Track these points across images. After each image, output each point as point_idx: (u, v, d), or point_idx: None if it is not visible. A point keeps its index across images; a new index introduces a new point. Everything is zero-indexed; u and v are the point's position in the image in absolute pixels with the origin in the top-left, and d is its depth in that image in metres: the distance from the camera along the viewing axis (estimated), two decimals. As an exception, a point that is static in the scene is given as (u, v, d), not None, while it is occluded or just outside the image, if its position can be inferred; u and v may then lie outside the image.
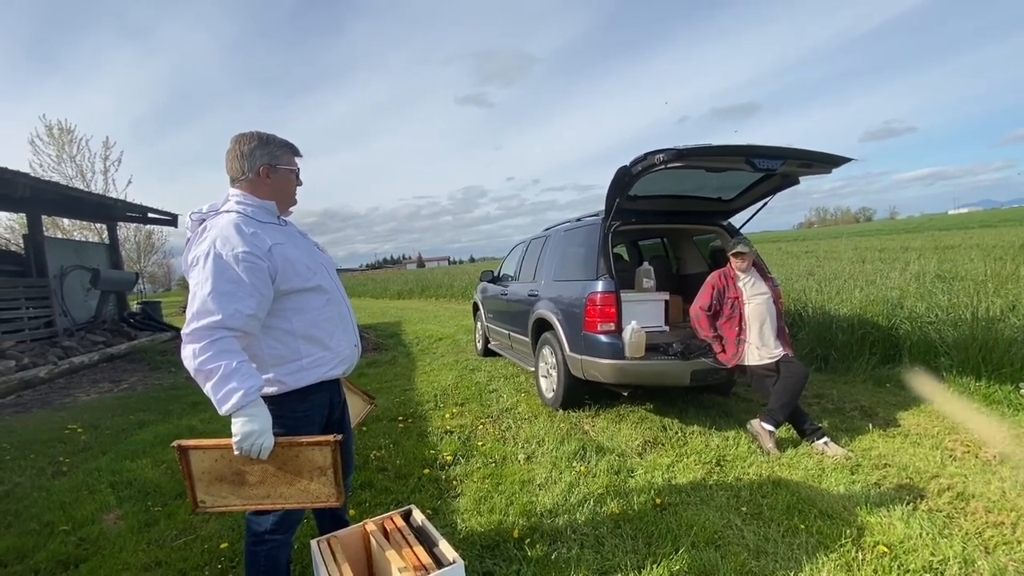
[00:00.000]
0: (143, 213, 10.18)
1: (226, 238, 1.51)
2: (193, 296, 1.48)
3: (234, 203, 1.65)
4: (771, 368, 3.47)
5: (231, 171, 1.70)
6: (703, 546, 2.24)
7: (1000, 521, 2.37)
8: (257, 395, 1.47)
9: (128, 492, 3.13)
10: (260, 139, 1.69)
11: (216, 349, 1.43)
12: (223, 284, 1.46)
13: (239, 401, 1.42)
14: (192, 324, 1.44)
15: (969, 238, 19.66)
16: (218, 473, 1.51)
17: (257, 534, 1.80)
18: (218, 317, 1.44)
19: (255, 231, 1.57)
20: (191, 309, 1.46)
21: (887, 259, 11.66)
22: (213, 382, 1.42)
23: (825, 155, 3.24)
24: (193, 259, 1.52)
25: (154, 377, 6.85)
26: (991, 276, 6.52)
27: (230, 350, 1.45)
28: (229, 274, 1.47)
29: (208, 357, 1.42)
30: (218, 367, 1.41)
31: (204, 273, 1.47)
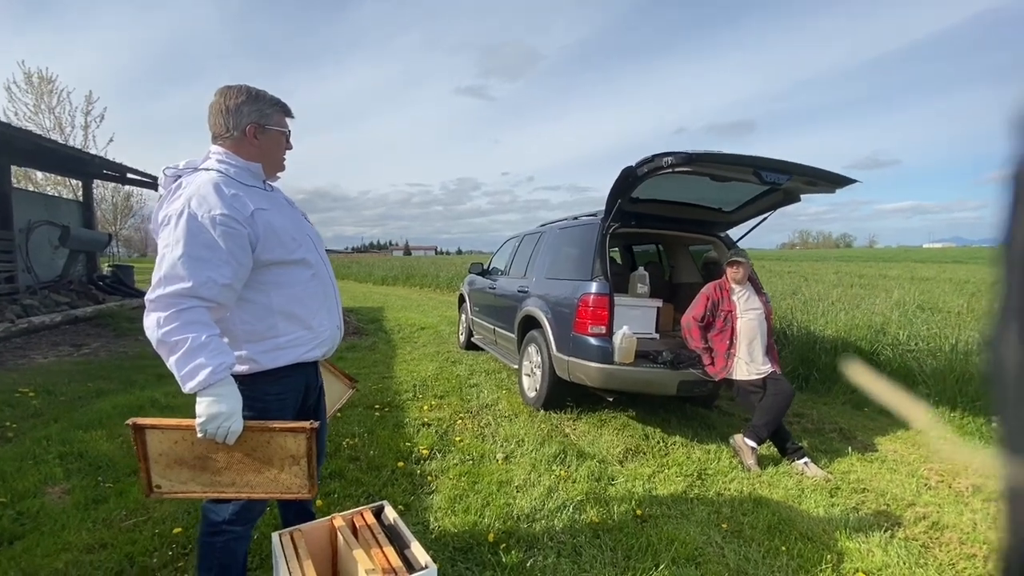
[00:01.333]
0: (122, 173, 9.75)
1: (203, 198, 1.36)
2: (161, 259, 1.32)
3: (215, 161, 1.50)
4: (758, 384, 3.43)
5: (214, 127, 1.53)
6: (683, 562, 2.17)
7: (973, 553, 2.36)
8: (227, 373, 1.33)
9: (78, 465, 2.94)
10: (249, 94, 1.52)
11: (183, 319, 1.29)
12: (196, 248, 1.32)
13: (206, 379, 1.29)
14: (158, 290, 1.29)
15: (943, 271, 20.24)
16: (177, 456, 1.37)
17: (214, 524, 1.66)
18: (188, 284, 1.29)
19: (236, 193, 1.43)
20: (157, 273, 1.31)
21: (866, 285, 11.88)
22: (177, 356, 1.28)
23: (831, 174, 3.20)
24: (164, 218, 1.37)
25: (119, 344, 6.56)
26: (968, 311, 6.65)
27: (200, 321, 1.31)
28: (204, 237, 1.33)
29: (174, 328, 1.28)
30: (184, 339, 1.27)
31: (175, 234, 1.32)
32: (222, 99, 1.52)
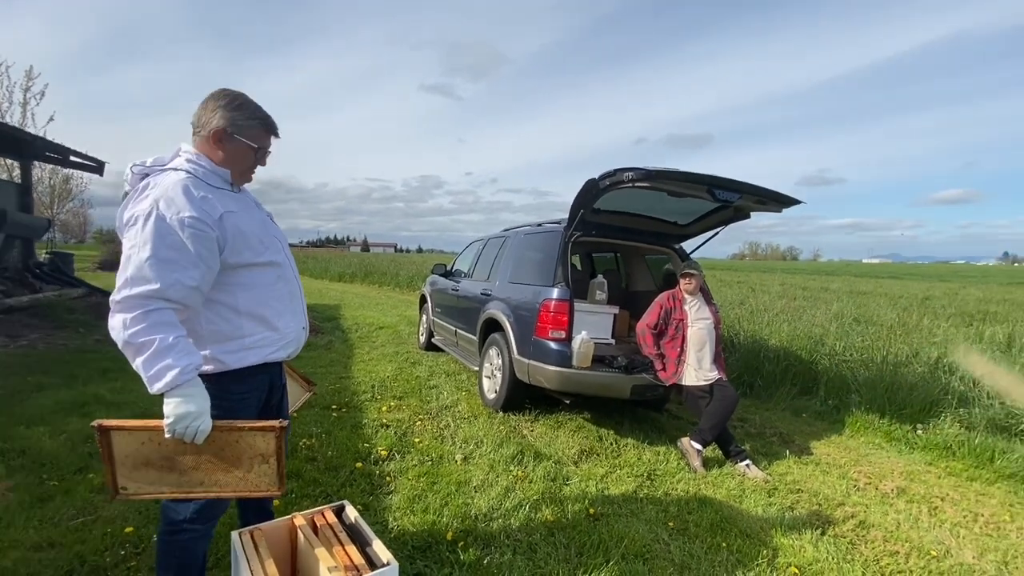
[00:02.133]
0: (65, 155, 9.22)
1: (171, 199, 1.35)
2: (127, 260, 1.32)
3: (184, 160, 1.49)
4: (705, 390, 3.63)
5: (193, 120, 1.54)
6: (632, 559, 2.30)
7: (895, 551, 2.59)
8: (194, 374, 1.34)
9: (20, 462, 2.82)
10: (233, 102, 1.51)
11: (150, 321, 1.29)
12: (164, 250, 1.32)
13: (174, 380, 1.30)
14: (124, 291, 1.29)
15: (879, 286, 21.60)
16: (144, 457, 1.37)
17: (174, 523, 1.65)
18: (156, 286, 1.30)
19: (205, 195, 1.43)
20: (123, 274, 1.31)
21: (809, 297, 12.57)
22: (144, 357, 1.29)
23: (778, 194, 3.43)
24: (131, 218, 1.36)
25: (59, 336, 6.21)
26: (899, 324, 7.18)
27: (166, 322, 1.32)
28: (171, 239, 1.33)
29: (141, 329, 1.28)
30: (151, 340, 1.28)
31: (143, 236, 1.32)
32: (210, 98, 1.52)
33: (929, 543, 2.67)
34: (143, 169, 1.47)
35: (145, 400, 3.93)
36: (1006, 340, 6.57)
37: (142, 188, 1.42)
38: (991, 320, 9.04)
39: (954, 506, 3.15)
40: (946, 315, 9.60)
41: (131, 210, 1.38)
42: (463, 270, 5.92)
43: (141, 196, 1.39)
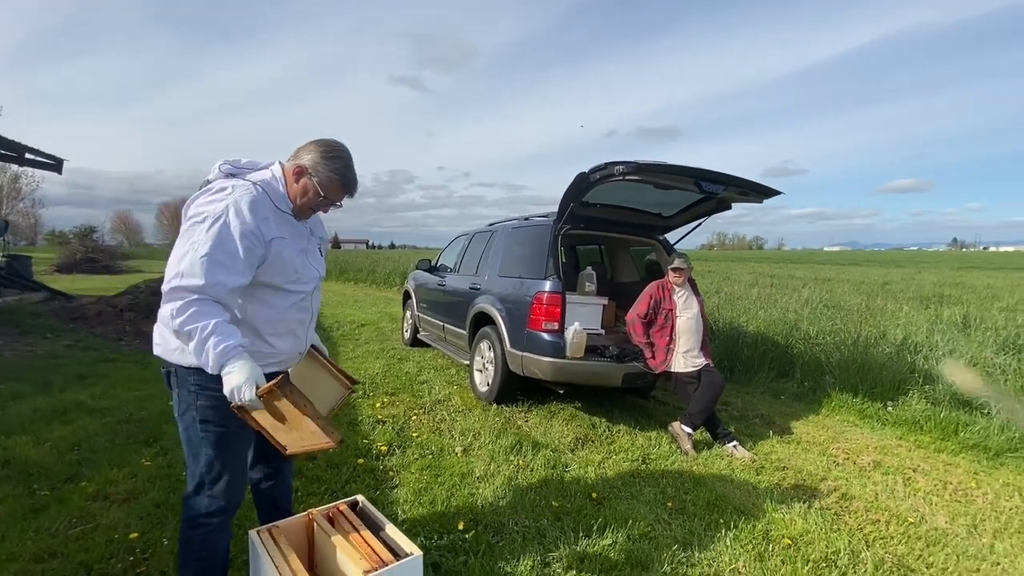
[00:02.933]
0: (20, 152, 8.74)
1: (240, 211, 1.47)
2: (184, 253, 1.43)
3: (268, 174, 1.62)
4: (693, 376, 3.76)
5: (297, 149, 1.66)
6: (637, 538, 2.39)
7: (877, 519, 2.76)
8: (234, 352, 1.44)
9: (5, 473, 2.72)
10: (327, 151, 1.61)
11: (194, 310, 1.41)
12: (220, 253, 1.44)
13: (217, 359, 1.42)
14: (174, 282, 1.41)
15: (841, 273, 22.47)
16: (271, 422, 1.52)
17: (191, 518, 1.68)
18: (200, 282, 1.41)
19: (267, 216, 1.55)
20: (178, 264, 1.42)
21: (778, 285, 13.00)
22: (193, 343, 1.43)
23: (761, 186, 3.57)
24: (201, 213, 1.47)
25: (25, 342, 5.95)
26: (865, 308, 7.53)
27: (206, 311, 1.43)
28: (229, 246, 1.45)
29: (185, 318, 1.41)
30: (195, 329, 1.41)
31: (205, 236, 1.43)
32: (319, 139, 1.65)
33: (905, 511, 2.86)
34: (231, 168, 1.60)
35: (129, 405, 3.84)
36: (962, 320, 6.97)
37: (222, 187, 1.52)
38: (947, 302, 9.55)
39: (925, 476, 3.36)
40: (905, 298, 10.10)
41: (205, 206, 1.47)
42: (449, 265, 5.93)
43: (219, 195, 1.50)
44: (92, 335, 6.53)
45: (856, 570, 2.27)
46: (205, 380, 1.57)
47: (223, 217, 1.45)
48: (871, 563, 2.31)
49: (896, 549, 2.46)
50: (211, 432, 1.61)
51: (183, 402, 1.62)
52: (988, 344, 5.45)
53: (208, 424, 1.60)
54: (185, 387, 1.60)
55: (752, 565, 2.26)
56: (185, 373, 1.59)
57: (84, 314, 7.39)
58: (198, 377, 1.57)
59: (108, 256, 21.21)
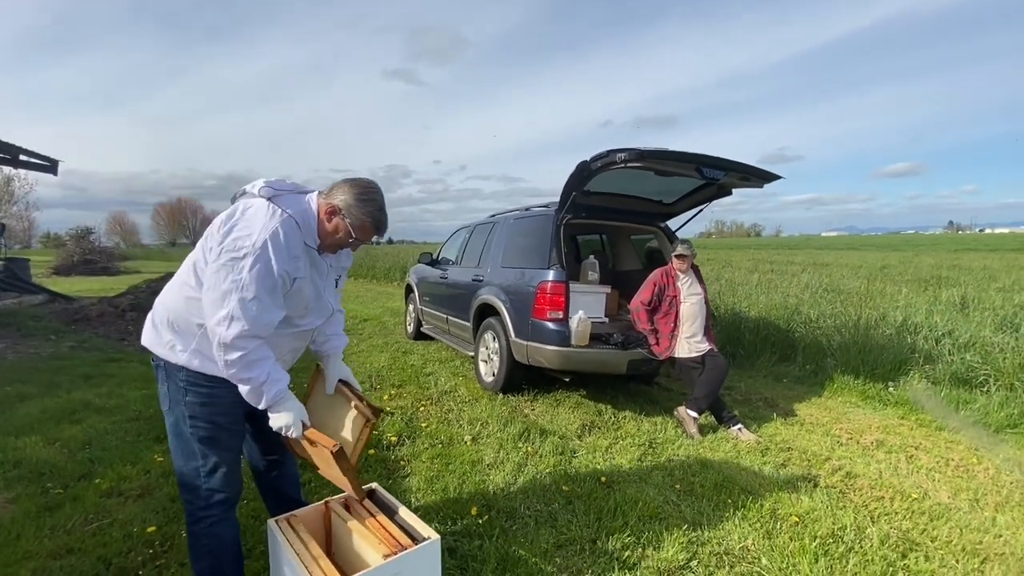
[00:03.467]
0: (14, 154, 8.69)
1: (277, 247, 1.49)
2: (228, 292, 1.45)
3: (304, 205, 1.61)
4: (698, 361, 3.79)
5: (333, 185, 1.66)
6: (648, 520, 2.43)
7: (881, 496, 2.80)
8: (283, 395, 1.58)
9: (17, 473, 2.74)
10: (362, 193, 1.60)
11: (248, 361, 1.50)
12: (264, 294, 1.49)
13: (267, 403, 1.57)
14: (223, 329, 1.46)
15: (840, 258, 22.52)
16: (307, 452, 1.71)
17: (192, 513, 1.71)
18: (250, 327, 1.48)
19: (297, 255, 1.57)
20: (224, 306, 1.45)
21: (777, 271, 13.05)
22: (246, 390, 1.55)
23: (761, 171, 3.58)
24: (240, 248, 1.47)
25: (28, 344, 5.95)
26: (865, 292, 7.57)
27: (259, 359, 1.52)
28: (269, 283, 1.49)
29: (240, 370, 1.51)
30: (251, 378, 1.52)
31: (250, 277, 1.46)
32: (354, 179, 1.64)
33: (909, 487, 2.90)
34: (271, 191, 1.57)
35: (137, 403, 3.86)
36: (960, 301, 7.02)
37: (260, 210, 1.53)
38: (945, 284, 9.60)
39: (927, 454, 3.41)
40: (904, 281, 10.15)
41: (243, 238, 1.48)
42: (450, 258, 5.94)
43: (257, 224, 1.50)
44: (95, 336, 6.53)
45: (862, 545, 2.31)
46: (195, 378, 1.61)
47: (263, 255, 1.46)
48: (877, 538, 2.35)
49: (901, 524, 2.51)
50: (200, 428, 1.63)
51: (171, 397, 1.65)
52: (986, 324, 5.50)
53: (197, 420, 1.63)
54: (174, 382, 1.63)
55: (761, 542, 2.30)
56: (174, 369, 1.62)
57: (86, 315, 7.39)
58: (188, 374, 1.61)
59: (106, 257, 21.13)
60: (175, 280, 1.66)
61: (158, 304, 1.68)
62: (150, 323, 1.68)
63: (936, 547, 2.33)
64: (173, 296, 1.63)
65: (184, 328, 1.60)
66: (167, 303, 1.65)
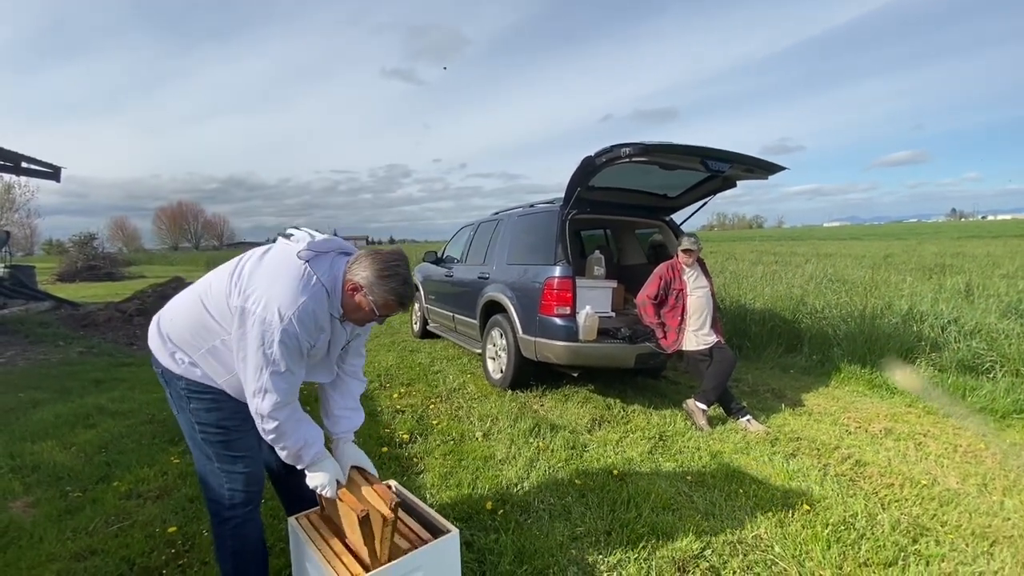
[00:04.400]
0: (16, 162, 8.72)
1: (304, 322, 1.49)
2: (261, 368, 1.48)
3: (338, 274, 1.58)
4: (705, 353, 3.81)
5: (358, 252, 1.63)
6: (661, 511, 2.46)
7: (891, 483, 2.82)
8: (319, 456, 1.65)
9: (36, 477, 2.78)
10: (383, 270, 1.54)
11: (283, 428, 1.56)
12: (292, 364, 1.52)
13: (304, 464, 1.64)
14: (261, 401, 1.51)
15: (843, 248, 22.46)
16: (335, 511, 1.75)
17: (217, 514, 1.72)
18: (281, 398, 1.52)
19: (323, 326, 1.58)
20: (259, 379, 1.48)
21: (781, 262, 13.04)
22: (286, 453, 1.61)
23: (765, 162, 3.59)
24: (269, 310, 1.45)
25: (37, 351, 6.00)
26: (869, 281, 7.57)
27: (294, 425, 1.58)
28: (293, 351, 1.50)
29: (277, 437, 1.57)
30: (287, 445, 1.59)
31: (278, 351, 1.47)
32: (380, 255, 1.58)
33: (918, 474, 2.92)
34: (311, 254, 1.54)
35: (149, 407, 3.89)
36: (965, 288, 7.02)
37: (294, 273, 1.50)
38: (949, 272, 9.59)
39: (935, 440, 3.43)
40: (908, 270, 10.14)
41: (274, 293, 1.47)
42: (455, 256, 5.96)
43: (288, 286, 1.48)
44: (103, 341, 6.58)
45: (874, 531, 2.33)
46: (195, 386, 1.63)
47: (290, 329, 1.46)
48: (888, 524, 2.37)
49: (911, 510, 2.53)
50: (210, 433, 1.65)
51: (175, 403, 1.69)
52: (991, 310, 5.50)
53: (205, 426, 1.65)
54: (174, 389, 1.65)
55: (773, 531, 2.32)
56: (174, 377, 1.64)
57: (93, 321, 7.44)
58: (187, 383, 1.63)
59: (109, 263, 21.19)
60: (190, 296, 1.65)
61: (167, 313, 1.69)
62: (155, 329, 1.69)
63: (946, 532, 2.35)
64: (185, 313, 1.63)
65: (189, 344, 1.61)
66: (176, 318, 1.65)
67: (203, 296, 1.60)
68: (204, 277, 1.68)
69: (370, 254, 1.58)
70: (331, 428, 1.81)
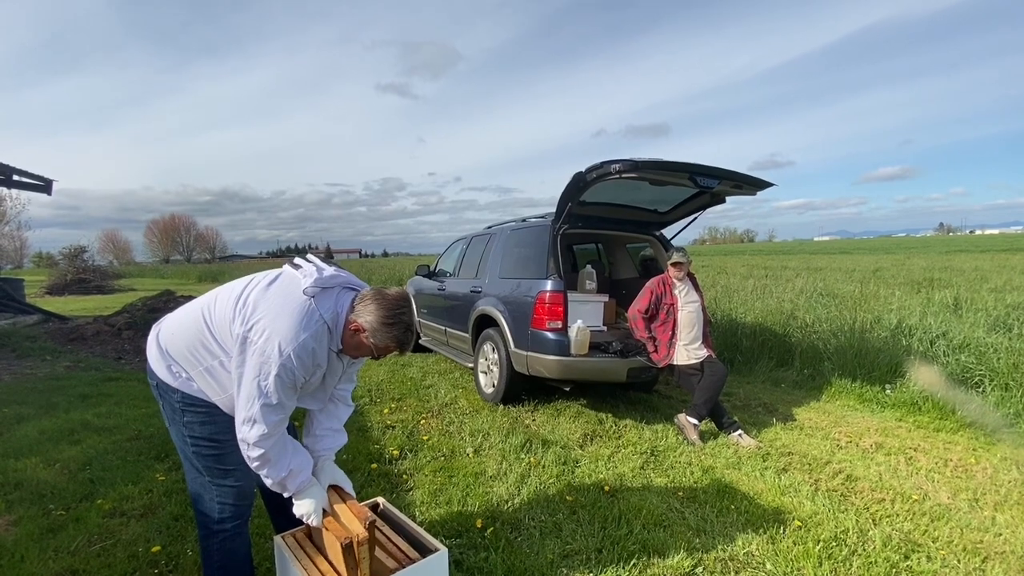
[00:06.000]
0: (8, 174, 8.68)
1: (302, 358, 1.50)
2: (253, 397, 1.49)
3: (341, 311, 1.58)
4: (696, 367, 3.82)
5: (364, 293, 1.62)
6: (652, 527, 2.44)
7: (882, 498, 2.82)
8: (305, 485, 1.66)
9: (18, 495, 2.72)
10: (388, 315, 1.54)
11: (268, 457, 1.56)
12: (284, 397, 1.52)
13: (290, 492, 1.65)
14: (248, 430, 1.51)
15: (833, 262, 22.67)
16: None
17: (206, 527, 1.72)
18: (268, 430, 1.52)
19: (320, 364, 1.58)
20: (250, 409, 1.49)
21: (772, 276, 13.13)
22: (272, 482, 1.61)
23: (754, 178, 3.64)
24: (269, 344, 1.47)
25: (24, 365, 5.92)
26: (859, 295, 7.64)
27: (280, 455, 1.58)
28: (288, 383, 1.52)
29: (263, 463, 1.57)
30: (273, 473, 1.59)
31: (273, 384, 1.48)
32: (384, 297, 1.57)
33: (909, 489, 2.92)
34: (316, 289, 1.54)
35: (136, 423, 3.84)
36: (954, 302, 7.09)
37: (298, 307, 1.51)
38: (937, 286, 9.69)
39: (926, 455, 3.44)
40: (897, 284, 10.24)
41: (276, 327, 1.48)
42: (447, 270, 5.97)
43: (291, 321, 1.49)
44: (91, 355, 6.50)
45: (865, 547, 2.33)
46: (190, 399, 1.63)
47: (288, 364, 1.47)
48: (879, 540, 2.37)
49: (902, 525, 2.53)
50: (202, 446, 1.65)
51: (168, 416, 1.69)
52: (980, 324, 5.56)
53: (198, 439, 1.65)
54: (168, 402, 1.66)
55: (765, 547, 2.31)
56: (169, 390, 1.64)
57: (82, 335, 7.35)
58: (183, 396, 1.63)
59: (99, 276, 21.00)
60: (192, 313, 1.65)
61: (167, 327, 1.69)
62: (154, 341, 1.69)
63: (938, 547, 2.35)
64: (186, 329, 1.63)
65: (187, 360, 1.62)
66: (177, 332, 1.65)
67: (206, 315, 1.61)
68: (208, 294, 1.68)
69: (377, 297, 1.57)
70: (312, 446, 1.80)
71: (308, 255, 1.69)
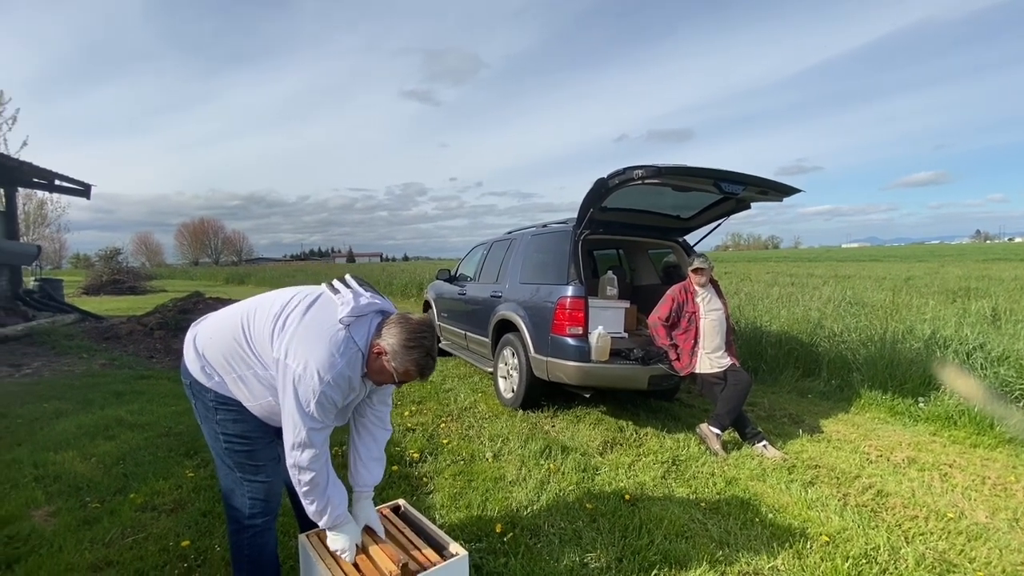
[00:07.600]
0: (50, 180, 9.08)
1: (338, 383, 1.55)
2: (300, 424, 1.55)
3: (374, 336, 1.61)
4: (720, 376, 3.76)
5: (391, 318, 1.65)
6: (674, 538, 2.41)
7: (915, 515, 2.73)
8: (342, 519, 1.72)
9: (57, 487, 2.83)
10: (410, 339, 1.57)
11: (316, 481, 1.63)
12: (325, 418, 1.59)
13: (325, 524, 1.71)
14: (300, 454, 1.58)
15: (862, 269, 22.08)
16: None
17: (237, 521, 1.77)
18: (315, 451, 1.60)
19: (353, 387, 1.62)
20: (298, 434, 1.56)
21: (797, 284, 12.85)
22: (312, 508, 1.67)
23: (780, 184, 3.58)
24: (308, 369, 1.52)
25: (62, 363, 6.15)
26: (890, 304, 7.42)
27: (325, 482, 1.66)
28: (328, 406, 1.58)
29: (311, 488, 1.64)
30: (315, 500, 1.66)
31: (316, 409, 1.55)
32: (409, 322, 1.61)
33: (944, 506, 2.82)
34: (350, 318, 1.58)
35: (167, 420, 3.95)
36: (991, 313, 6.83)
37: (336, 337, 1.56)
38: (974, 296, 9.34)
39: (962, 472, 3.31)
40: (930, 293, 9.90)
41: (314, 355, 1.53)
42: (468, 274, 6.00)
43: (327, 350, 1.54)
44: (125, 354, 6.72)
45: (897, 566, 2.26)
46: (223, 400, 1.68)
47: (328, 392, 1.54)
48: (912, 559, 2.29)
49: (937, 544, 2.44)
50: (234, 443, 1.70)
51: (201, 414, 1.74)
52: (1020, 336, 5.34)
53: (231, 437, 1.70)
54: (202, 400, 1.71)
55: (791, 562, 2.26)
56: (203, 389, 1.69)
57: (116, 334, 7.61)
58: (216, 395, 1.68)
59: (132, 277, 21.71)
60: (231, 320, 1.70)
61: (204, 330, 1.75)
62: (191, 342, 1.74)
63: (975, 568, 2.26)
64: (223, 336, 1.68)
65: (222, 365, 1.67)
66: (215, 337, 1.70)
67: (245, 326, 1.66)
68: (248, 303, 1.73)
69: (400, 321, 1.60)
70: (353, 480, 1.85)
71: (347, 277, 1.72)
